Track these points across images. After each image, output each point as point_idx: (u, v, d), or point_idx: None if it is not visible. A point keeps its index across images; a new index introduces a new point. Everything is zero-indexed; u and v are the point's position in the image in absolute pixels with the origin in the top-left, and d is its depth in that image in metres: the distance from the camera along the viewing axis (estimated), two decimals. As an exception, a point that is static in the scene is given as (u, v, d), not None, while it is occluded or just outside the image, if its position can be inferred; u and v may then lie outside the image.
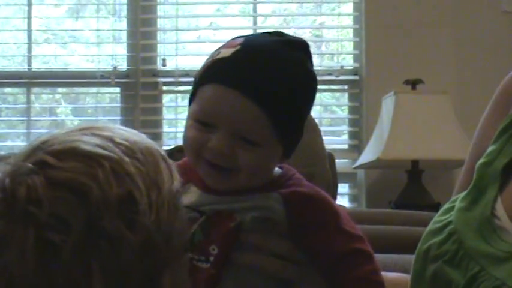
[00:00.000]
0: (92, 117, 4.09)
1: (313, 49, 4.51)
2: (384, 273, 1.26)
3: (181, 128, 3.55)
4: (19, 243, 0.82)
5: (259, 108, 1.09)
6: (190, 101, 1.16)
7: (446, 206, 1.10)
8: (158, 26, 4.05)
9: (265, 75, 1.11)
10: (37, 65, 4.09)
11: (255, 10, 4.08)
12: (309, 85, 1.16)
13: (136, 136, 0.92)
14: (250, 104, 1.09)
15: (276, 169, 1.19)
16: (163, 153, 0.93)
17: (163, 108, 3.98)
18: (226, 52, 1.13)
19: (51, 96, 4.16)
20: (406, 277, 1.21)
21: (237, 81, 1.10)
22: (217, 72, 1.12)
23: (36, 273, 0.82)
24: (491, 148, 1.08)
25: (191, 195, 1.15)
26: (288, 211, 1.13)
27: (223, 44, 1.17)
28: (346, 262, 1.13)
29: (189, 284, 0.96)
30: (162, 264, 0.86)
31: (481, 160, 1.08)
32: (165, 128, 3.96)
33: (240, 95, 1.09)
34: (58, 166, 0.85)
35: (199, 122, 1.13)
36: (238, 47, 1.13)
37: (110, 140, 0.89)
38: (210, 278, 1.11)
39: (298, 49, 1.16)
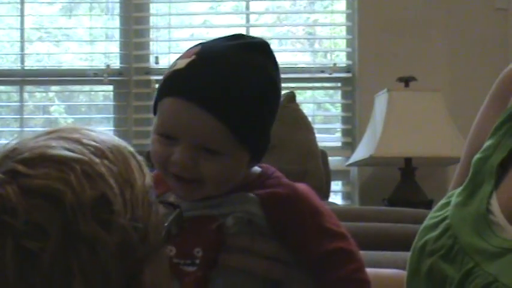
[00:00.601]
0: (85, 115, 4.09)
1: (306, 46, 4.54)
2: (379, 270, 1.26)
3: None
4: None
5: (216, 119, 1.09)
6: (155, 113, 1.16)
7: (442, 201, 1.09)
8: (151, 23, 4.05)
9: (220, 84, 1.09)
10: (30, 63, 4.09)
11: (248, 8, 4.08)
12: (269, 89, 1.14)
13: (103, 135, 0.91)
14: (207, 115, 1.08)
15: (256, 168, 1.18)
16: (132, 149, 0.92)
17: (157, 106, 3.98)
18: (182, 63, 1.13)
19: (44, 94, 4.16)
20: (401, 273, 1.21)
21: (191, 93, 1.09)
22: (173, 85, 1.12)
23: (16, 281, 0.81)
24: (487, 143, 1.07)
25: None
26: (266, 213, 1.13)
27: (181, 54, 1.16)
28: (328, 262, 1.12)
29: (169, 278, 0.96)
30: (141, 261, 0.86)
31: (478, 155, 1.07)
32: (159, 126, 3.96)
33: (195, 107, 1.09)
34: (29, 174, 0.84)
35: (162, 135, 1.12)
36: (193, 56, 1.12)
37: (78, 141, 0.88)
38: (198, 280, 1.11)
39: (257, 52, 1.14)
